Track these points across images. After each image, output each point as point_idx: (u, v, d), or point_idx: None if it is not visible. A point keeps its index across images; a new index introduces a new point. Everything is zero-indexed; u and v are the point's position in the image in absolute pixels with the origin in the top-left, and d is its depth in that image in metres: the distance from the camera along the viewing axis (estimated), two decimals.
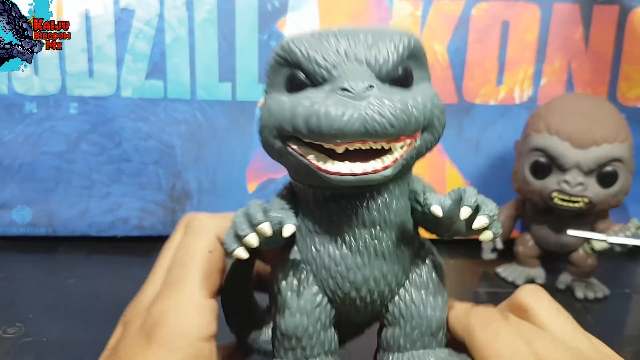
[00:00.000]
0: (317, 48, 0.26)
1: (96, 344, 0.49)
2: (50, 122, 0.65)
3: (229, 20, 0.64)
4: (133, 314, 0.30)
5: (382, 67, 0.26)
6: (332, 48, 0.26)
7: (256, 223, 0.26)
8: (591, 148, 0.56)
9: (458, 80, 0.67)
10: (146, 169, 0.67)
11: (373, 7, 0.65)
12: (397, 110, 0.24)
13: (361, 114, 0.24)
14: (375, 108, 0.24)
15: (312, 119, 0.24)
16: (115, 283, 0.59)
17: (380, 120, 0.24)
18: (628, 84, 0.69)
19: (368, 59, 0.26)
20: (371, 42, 0.26)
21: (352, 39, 0.26)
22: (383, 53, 0.26)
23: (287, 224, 0.26)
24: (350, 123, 0.24)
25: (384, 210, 0.28)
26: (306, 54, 0.26)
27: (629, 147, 0.58)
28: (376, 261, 0.28)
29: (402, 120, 0.24)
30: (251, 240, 0.26)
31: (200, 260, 0.29)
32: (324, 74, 0.26)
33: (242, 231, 0.26)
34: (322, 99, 0.25)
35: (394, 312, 0.30)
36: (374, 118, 0.24)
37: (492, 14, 0.66)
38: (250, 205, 0.27)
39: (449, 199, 0.27)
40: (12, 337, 0.49)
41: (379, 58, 0.26)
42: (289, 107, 0.26)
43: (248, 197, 0.68)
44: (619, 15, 0.67)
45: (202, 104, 0.66)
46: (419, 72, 0.28)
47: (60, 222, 0.67)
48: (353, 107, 0.24)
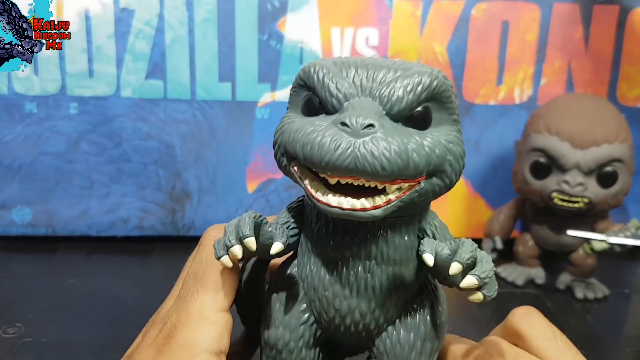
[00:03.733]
0: (335, 76, 0.26)
1: (96, 344, 0.49)
2: (50, 122, 0.65)
3: (228, 20, 0.64)
4: (152, 324, 0.30)
5: (394, 106, 0.25)
6: (349, 79, 0.26)
7: (242, 237, 0.26)
8: (591, 148, 0.56)
9: (458, 80, 0.67)
10: (146, 169, 0.67)
11: (373, 7, 0.65)
12: (392, 153, 0.23)
13: (354, 151, 0.23)
14: (369, 147, 0.23)
15: (307, 147, 0.24)
16: (115, 283, 0.60)
17: (372, 161, 0.23)
18: (628, 84, 0.69)
19: (382, 95, 0.25)
20: (390, 78, 0.26)
21: (372, 71, 0.26)
22: (398, 91, 0.25)
23: (276, 242, 0.27)
24: (342, 158, 0.23)
25: (383, 245, 0.27)
26: (322, 80, 0.26)
27: (629, 147, 0.58)
28: (365, 294, 0.28)
29: (396, 164, 0.24)
30: (235, 251, 0.26)
31: (212, 273, 0.29)
32: (334, 103, 0.26)
33: (229, 242, 0.26)
34: (323, 128, 0.25)
35: (379, 346, 0.29)
36: (365, 157, 0.23)
37: (492, 14, 0.66)
38: (244, 215, 0.27)
39: (448, 248, 0.26)
40: (12, 337, 0.49)
41: (393, 96, 0.25)
42: (294, 129, 0.26)
43: (248, 197, 0.68)
44: (619, 15, 0.67)
45: (202, 104, 0.66)
46: (440, 114, 0.27)
47: (60, 222, 0.67)
48: (347, 142, 0.24)
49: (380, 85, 0.25)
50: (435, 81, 0.26)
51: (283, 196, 0.68)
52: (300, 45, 0.65)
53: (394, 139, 0.24)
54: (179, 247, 0.68)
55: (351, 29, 0.65)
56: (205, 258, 0.29)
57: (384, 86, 0.25)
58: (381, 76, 0.26)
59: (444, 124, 0.27)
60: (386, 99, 0.25)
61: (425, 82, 0.26)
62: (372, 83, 0.26)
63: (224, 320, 0.28)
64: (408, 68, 0.26)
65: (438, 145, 0.26)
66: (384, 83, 0.25)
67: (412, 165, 0.24)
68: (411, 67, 0.26)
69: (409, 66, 0.26)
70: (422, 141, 0.25)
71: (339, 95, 0.26)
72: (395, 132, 0.24)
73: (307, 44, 0.65)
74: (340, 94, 0.26)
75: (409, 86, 0.25)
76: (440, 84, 0.26)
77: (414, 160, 0.24)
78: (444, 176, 0.26)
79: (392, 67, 0.26)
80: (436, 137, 0.26)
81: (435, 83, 0.26)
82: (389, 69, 0.26)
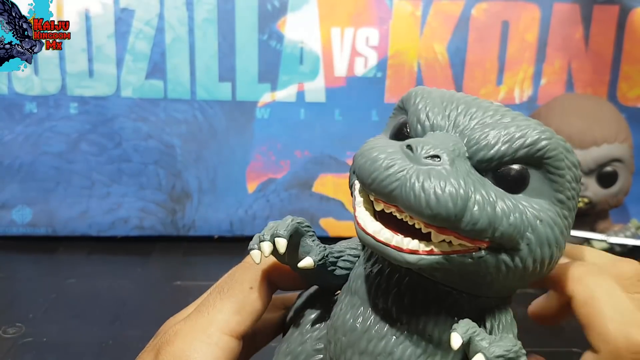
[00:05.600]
0: (430, 104, 0.23)
1: (96, 344, 0.49)
2: (51, 122, 0.65)
3: (228, 20, 0.64)
4: (164, 328, 0.29)
5: (479, 151, 0.21)
6: (445, 111, 0.23)
7: (275, 234, 0.24)
8: (591, 148, 0.56)
9: (458, 80, 0.67)
10: (146, 169, 0.67)
11: (373, 7, 0.65)
12: (445, 193, 0.20)
13: (404, 176, 0.20)
14: (421, 178, 0.20)
15: (363, 159, 0.22)
16: (115, 283, 0.60)
17: (418, 193, 0.20)
18: (628, 84, 0.69)
19: (471, 137, 0.22)
20: (488, 122, 0.22)
21: (473, 110, 0.22)
22: (490, 137, 0.21)
23: (307, 257, 0.24)
24: (389, 180, 0.20)
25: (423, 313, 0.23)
26: (416, 105, 0.23)
27: (629, 147, 0.58)
28: (380, 357, 0.23)
29: (445, 207, 0.19)
30: (264, 247, 0.24)
31: (238, 293, 0.27)
32: (419, 130, 0.23)
33: (262, 236, 0.24)
34: (386, 146, 0.22)
35: None
36: (413, 186, 0.20)
37: (492, 13, 0.66)
38: (289, 217, 0.25)
39: (487, 340, 0.21)
40: (12, 337, 0.49)
41: (482, 140, 0.21)
42: (368, 144, 0.23)
43: (248, 197, 0.68)
44: (619, 15, 0.67)
45: (202, 104, 0.66)
46: (541, 186, 0.22)
47: (61, 222, 0.67)
48: (401, 166, 0.20)
49: (475, 125, 0.22)
50: (543, 142, 0.22)
51: (283, 196, 0.69)
52: (300, 45, 0.65)
53: (456, 179, 0.20)
54: (179, 247, 0.68)
55: (351, 29, 0.65)
56: (237, 275, 0.28)
57: (478, 128, 0.22)
58: (480, 117, 0.22)
59: (543, 198, 0.22)
60: (474, 141, 0.22)
61: (529, 138, 0.21)
62: (468, 122, 0.22)
63: (228, 345, 0.26)
64: (516, 118, 0.22)
65: (517, 213, 0.21)
66: (480, 124, 0.22)
67: (466, 218, 0.20)
68: (522, 119, 0.22)
69: (520, 118, 0.22)
70: (497, 200, 0.21)
71: (426, 123, 0.23)
72: (465, 175, 0.20)
73: (307, 44, 0.65)
74: (428, 123, 0.23)
75: (507, 136, 0.21)
76: (550, 147, 0.22)
77: (472, 213, 0.20)
78: (515, 256, 0.21)
79: (498, 112, 0.22)
80: (522, 205, 0.21)
81: (542, 144, 0.21)
82: (495, 113, 0.22)
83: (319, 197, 0.69)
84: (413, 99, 0.24)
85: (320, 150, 0.68)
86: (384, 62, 0.66)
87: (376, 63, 0.66)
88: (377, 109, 0.67)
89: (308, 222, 0.25)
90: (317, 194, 0.69)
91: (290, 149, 0.67)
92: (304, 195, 0.69)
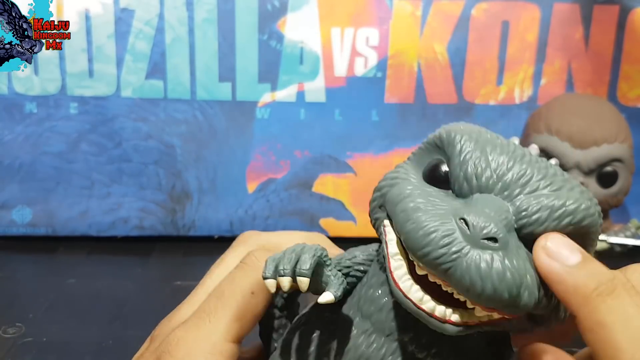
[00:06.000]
0: (479, 160, 0.21)
1: (96, 344, 0.49)
2: (51, 122, 0.65)
3: (229, 20, 0.64)
4: (161, 331, 0.28)
5: (529, 226, 0.21)
6: (496, 171, 0.21)
7: (298, 273, 0.22)
8: (591, 148, 0.56)
9: (458, 80, 0.67)
10: (146, 169, 0.67)
11: (373, 7, 0.65)
12: (502, 284, 0.19)
13: (461, 259, 0.19)
14: (479, 264, 0.19)
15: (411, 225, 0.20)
16: (115, 283, 0.60)
17: (475, 280, 0.19)
18: (628, 84, 0.69)
19: (521, 206, 0.21)
20: (538, 187, 0.21)
21: (524, 171, 0.21)
22: (542, 214, 0.20)
23: (327, 291, 0.23)
24: (444, 260, 0.19)
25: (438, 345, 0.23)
26: (463, 155, 0.22)
27: (629, 147, 0.58)
28: None
29: (500, 296, 0.19)
30: (284, 283, 0.23)
31: (238, 299, 0.26)
32: (464, 187, 0.21)
33: (283, 269, 0.23)
34: (438, 213, 0.20)
35: None
36: (469, 272, 0.19)
37: (492, 14, 0.66)
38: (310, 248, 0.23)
39: None
40: (12, 337, 0.49)
41: (533, 214, 0.20)
42: (406, 193, 0.21)
43: (248, 197, 0.68)
44: (619, 15, 0.67)
45: (202, 104, 0.66)
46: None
47: (60, 222, 0.67)
48: (459, 247, 0.19)
49: (525, 193, 0.21)
50: (589, 218, 0.21)
51: (283, 196, 0.69)
52: (300, 45, 0.65)
53: (512, 266, 0.19)
54: (179, 247, 0.68)
55: (351, 29, 0.65)
56: (238, 279, 0.27)
57: (529, 197, 0.21)
58: (531, 182, 0.21)
59: None
60: (524, 213, 0.21)
61: (578, 215, 0.21)
62: (520, 187, 0.21)
63: (231, 352, 0.25)
64: (565, 186, 0.21)
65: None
66: (531, 192, 0.21)
67: (517, 304, 0.20)
68: (570, 188, 0.21)
69: (569, 186, 0.21)
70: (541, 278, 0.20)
71: (474, 181, 0.21)
72: (517, 256, 0.20)
73: (307, 44, 0.65)
74: (475, 182, 0.21)
75: (557, 212, 0.21)
76: (593, 222, 0.22)
77: (523, 300, 0.20)
78: (540, 322, 0.22)
79: (548, 177, 0.21)
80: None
81: (588, 221, 0.21)
82: (544, 178, 0.21)
83: (319, 197, 0.69)
84: (458, 145, 0.22)
85: (320, 150, 0.68)
86: (384, 62, 0.66)
87: (376, 63, 0.66)
88: (377, 109, 0.67)
89: (326, 250, 0.24)
90: (317, 194, 0.69)
91: (290, 149, 0.67)
92: (304, 195, 0.69)
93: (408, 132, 0.68)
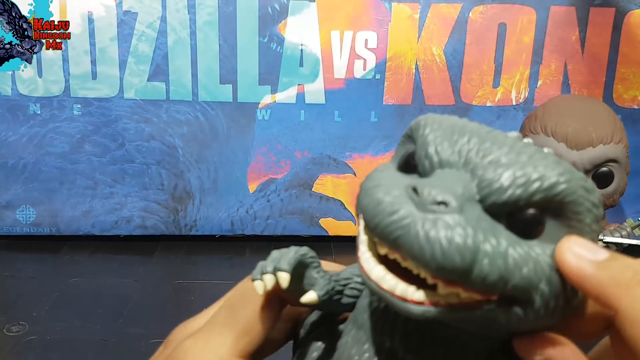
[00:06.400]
0: (440, 137, 0.21)
1: (99, 341, 0.50)
2: (54, 123, 0.65)
3: (229, 22, 0.65)
4: (175, 337, 0.28)
5: (490, 195, 0.19)
6: (456, 145, 0.20)
7: (278, 268, 0.22)
8: (587, 149, 0.57)
9: (455, 82, 0.68)
10: (149, 170, 0.68)
11: (372, 10, 0.65)
12: (451, 246, 0.18)
13: (408, 225, 0.18)
14: (427, 228, 0.18)
15: (366, 199, 0.20)
16: (118, 282, 0.60)
17: (423, 245, 0.18)
18: (624, 86, 0.70)
19: (483, 177, 0.19)
20: (503, 160, 0.19)
21: (487, 145, 0.20)
22: (503, 179, 0.19)
23: (311, 291, 0.23)
24: (392, 228, 0.18)
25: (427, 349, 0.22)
26: (424, 137, 0.21)
27: (624, 147, 0.58)
28: None
29: (451, 261, 0.18)
30: (266, 280, 0.23)
31: (249, 310, 0.25)
32: (426, 166, 0.21)
33: (265, 268, 0.23)
34: (392, 186, 0.20)
35: None
36: (416, 236, 0.18)
37: (489, 16, 0.67)
38: (293, 249, 0.23)
39: None
40: (16, 335, 0.50)
41: (495, 183, 0.19)
42: (372, 177, 0.21)
43: (249, 197, 0.69)
44: (614, 17, 0.68)
45: (203, 105, 0.67)
46: (558, 230, 0.20)
47: (64, 221, 0.68)
48: (406, 212, 0.18)
49: (487, 164, 0.20)
50: (562, 185, 0.19)
51: (283, 196, 0.69)
52: (300, 47, 0.66)
53: (464, 229, 0.18)
54: (181, 246, 0.69)
55: (350, 32, 0.66)
56: (248, 291, 0.26)
57: (490, 167, 0.19)
58: (494, 154, 0.20)
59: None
60: (486, 183, 0.19)
61: (546, 181, 0.19)
62: (480, 159, 0.20)
63: None
64: (534, 156, 0.20)
65: (531, 263, 0.19)
66: (493, 163, 0.19)
67: (475, 272, 0.18)
68: (539, 158, 0.20)
69: (538, 156, 0.20)
70: (509, 249, 0.18)
71: (435, 159, 0.20)
72: (475, 223, 0.18)
73: (307, 47, 0.66)
74: (436, 159, 0.20)
75: (521, 178, 0.19)
76: (569, 191, 0.19)
77: (482, 267, 0.18)
78: (527, 308, 0.19)
79: (514, 149, 0.20)
80: (536, 252, 0.19)
81: (561, 188, 0.19)
82: (510, 150, 0.20)
83: (319, 197, 0.69)
84: (422, 129, 0.21)
85: (320, 151, 0.68)
86: (383, 64, 0.67)
87: (375, 65, 0.66)
88: (376, 110, 0.68)
89: (313, 252, 0.23)
90: (317, 194, 0.69)
91: (291, 150, 0.68)
92: (304, 195, 0.69)
93: None
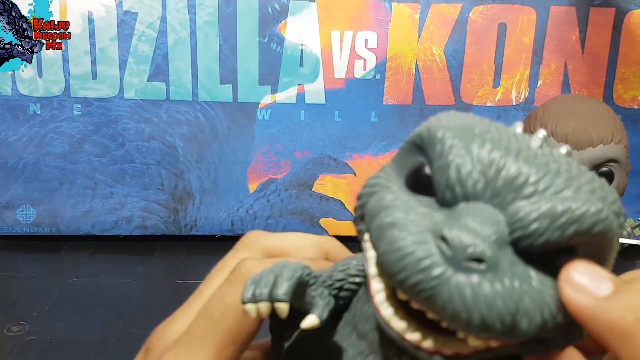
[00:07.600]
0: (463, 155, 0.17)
1: (99, 342, 0.50)
2: (54, 123, 0.66)
3: (230, 23, 0.65)
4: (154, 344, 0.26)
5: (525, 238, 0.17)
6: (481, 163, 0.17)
7: (275, 298, 0.20)
8: (587, 149, 0.57)
9: (455, 82, 0.68)
10: (149, 170, 0.68)
11: (372, 10, 0.65)
12: (492, 312, 0.16)
13: (440, 284, 0.16)
14: (463, 290, 0.16)
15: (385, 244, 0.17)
16: (118, 282, 0.60)
17: (460, 309, 0.16)
18: (624, 86, 0.70)
19: (512, 214, 0.17)
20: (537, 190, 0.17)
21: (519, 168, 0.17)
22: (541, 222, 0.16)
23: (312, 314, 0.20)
24: (422, 287, 0.16)
25: None
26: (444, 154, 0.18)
27: (624, 147, 0.58)
28: None
29: (492, 326, 0.16)
30: (261, 309, 0.20)
31: (230, 322, 0.23)
32: (447, 195, 0.17)
33: (259, 293, 0.20)
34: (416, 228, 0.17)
35: None
36: (451, 299, 0.16)
37: (489, 16, 0.67)
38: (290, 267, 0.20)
39: None
40: (16, 335, 0.50)
41: (530, 225, 0.16)
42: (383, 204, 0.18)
43: (249, 197, 0.69)
44: (615, 17, 0.68)
45: (203, 105, 0.67)
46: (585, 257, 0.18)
47: (64, 221, 0.68)
48: (439, 271, 0.16)
49: (520, 197, 0.17)
50: (599, 226, 0.17)
51: (283, 196, 0.69)
52: (300, 47, 0.66)
53: (504, 289, 0.16)
54: (181, 246, 0.69)
55: (350, 32, 0.66)
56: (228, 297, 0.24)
57: (524, 201, 0.17)
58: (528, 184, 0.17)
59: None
60: (519, 224, 0.17)
61: (584, 223, 0.17)
62: (511, 190, 0.17)
63: None
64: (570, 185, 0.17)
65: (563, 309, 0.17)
66: (528, 197, 0.17)
67: (515, 333, 0.16)
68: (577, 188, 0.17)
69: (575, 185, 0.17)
70: (544, 297, 0.17)
71: (457, 189, 0.17)
72: (511, 275, 0.16)
73: (307, 47, 0.66)
74: (459, 189, 0.17)
75: (560, 219, 0.16)
76: (605, 228, 0.17)
77: (521, 327, 0.16)
78: (551, 345, 0.18)
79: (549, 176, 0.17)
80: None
81: (599, 228, 0.17)
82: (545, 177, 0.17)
83: (319, 197, 0.69)
84: (439, 145, 0.18)
85: (320, 151, 0.68)
86: (383, 64, 0.67)
87: (375, 65, 0.66)
88: (376, 110, 0.68)
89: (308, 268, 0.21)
90: (317, 194, 0.69)
91: (291, 150, 0.68)
92: (304, 195, 0.69)
93: (406, 133, 0.67)
